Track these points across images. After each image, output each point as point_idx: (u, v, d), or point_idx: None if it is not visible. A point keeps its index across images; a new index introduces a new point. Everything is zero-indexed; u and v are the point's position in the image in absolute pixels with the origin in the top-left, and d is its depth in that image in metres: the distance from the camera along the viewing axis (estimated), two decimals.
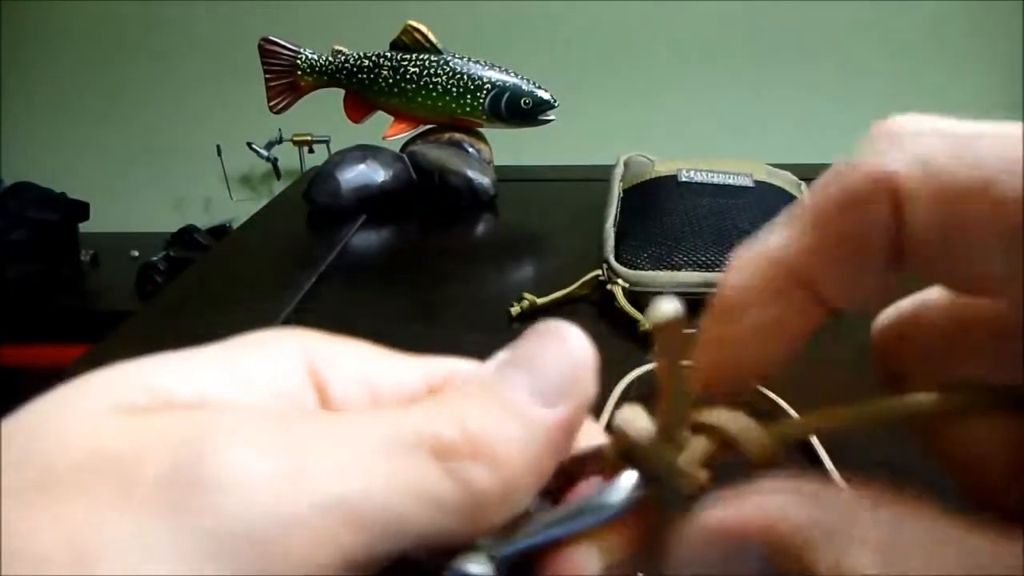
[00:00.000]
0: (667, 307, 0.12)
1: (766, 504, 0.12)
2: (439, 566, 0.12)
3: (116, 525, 0.10)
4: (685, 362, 0.13)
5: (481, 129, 0.79)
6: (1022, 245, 0.10)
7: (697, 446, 0.13)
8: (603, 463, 0.14)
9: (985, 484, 0.12)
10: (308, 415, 0.13)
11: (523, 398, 0.13)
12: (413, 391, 0.15)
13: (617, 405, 0.39)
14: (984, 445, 0.12)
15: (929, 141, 0.11)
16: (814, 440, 0.34)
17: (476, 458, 0.12)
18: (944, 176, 0.11)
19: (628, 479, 0.13)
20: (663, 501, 0.13)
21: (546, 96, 0.75)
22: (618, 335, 0.49)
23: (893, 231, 0.11)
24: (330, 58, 0.78)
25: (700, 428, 0.14)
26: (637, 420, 0.14)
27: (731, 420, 0.13)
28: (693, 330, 0.13)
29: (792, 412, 0.37)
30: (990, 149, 0.11)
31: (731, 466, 0.13)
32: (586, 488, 0.14)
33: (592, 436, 0.15)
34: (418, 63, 0.75)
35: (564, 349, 0.13)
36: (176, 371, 0.13)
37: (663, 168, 0.62)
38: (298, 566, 0.10)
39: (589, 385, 0.13)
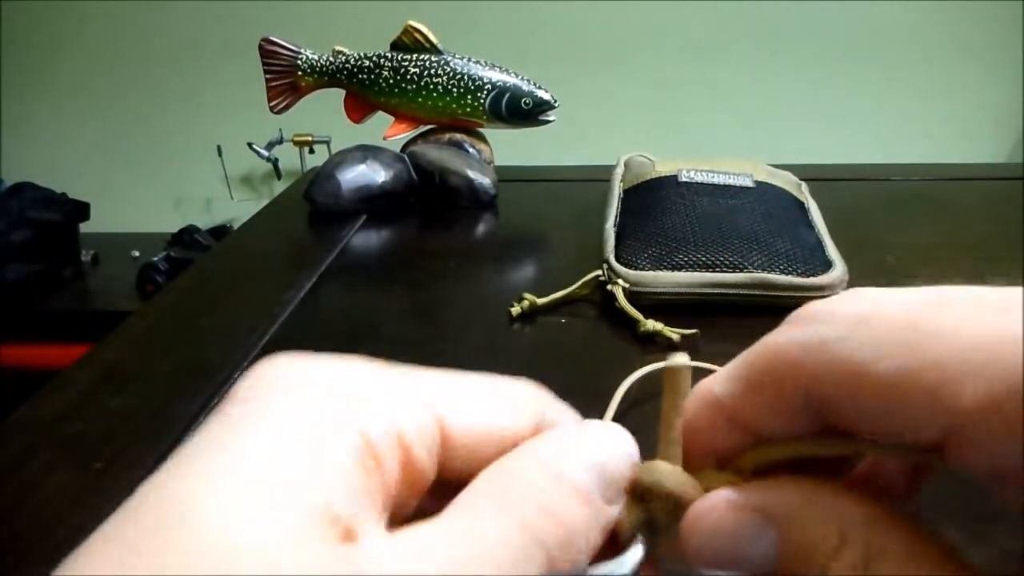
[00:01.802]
0: (682, 358, 0.16)
1: (785, 497, 0.14)
2: None
3: None
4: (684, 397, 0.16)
5: (481, 129, 0.79)
6: (908, 409, 0.12)
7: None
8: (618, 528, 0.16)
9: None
10: (441, 529, 0.14)
11: (595, 492, 0.15)
12: (522, 435, 0.17)
13: (619, 405, 0.38)
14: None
15: (831, 326, 0.14)
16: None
17: (562, 546, 0.14)
18: (838, 357, 0.13)
19: (634, 554, 0.16)
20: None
21: (546, 96, 0.75)
22: (618, 335, 0.49)
23: (803, 396, 0.14)
24: (330, 58, 0.78)
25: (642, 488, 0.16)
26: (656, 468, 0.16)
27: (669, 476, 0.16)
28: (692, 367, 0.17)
29: None
30: (884, 326, 0.13)
31: None
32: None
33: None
34: (418, 63, 0.75)
35: (626, 450, 0.16)
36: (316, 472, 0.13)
37: (663, 168, 0.62)
38: None
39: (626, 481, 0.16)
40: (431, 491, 0.15)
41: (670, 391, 0.17)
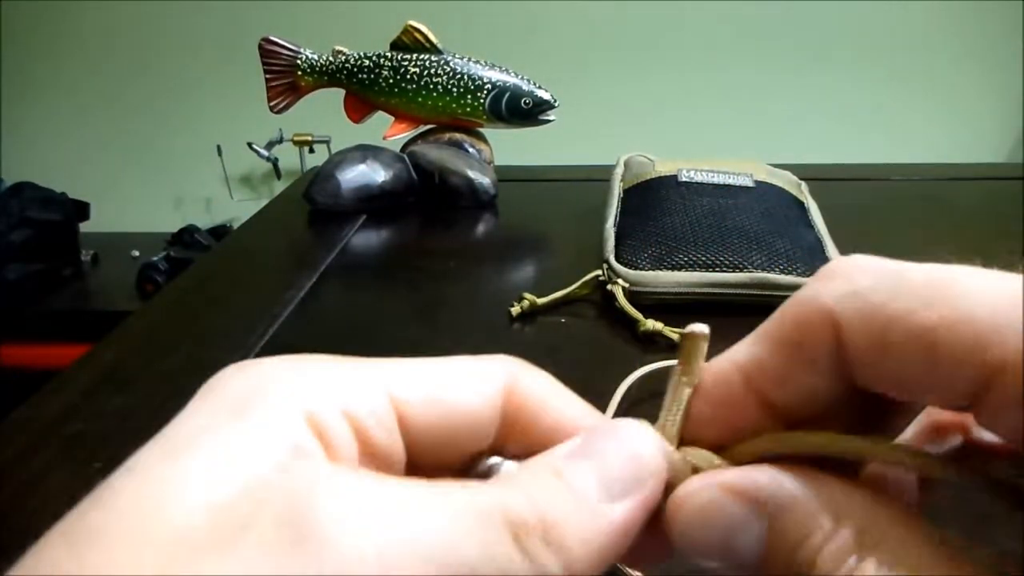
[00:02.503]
0: (700, 327, 0.16)
1: (778, 484, 0.14)
2: None
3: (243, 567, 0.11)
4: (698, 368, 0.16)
5: (481, 129, 0.79)
6: (943, 362, 0.12)
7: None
8: None
9: None
10: (403, 480, 0.14)
11: (592, 491, 0.14)
12: (489, 405, 0.16)
13: (619, 405, 0.38)
14: None
15: (862, 277, 0.14)
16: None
17: (546, 540, 0.13)
18: (872, 306, 0.13)
19: None
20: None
21: (546, 96, 0.75)
22: (618, 335, 0.49)
23: (833, 350, 0.14)
24: (330, 58, 0.78)
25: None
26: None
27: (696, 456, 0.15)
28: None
29: None
30: (915, 281, 0.13)
31: None
32: None
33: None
34: (418, 63, 0.75)
35: (632, 448, 0.15)
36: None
37: (663, 168, 0.62)
38: None
39: (654, 485, 0.15)
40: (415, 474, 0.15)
41: (684, 360, 0.16)
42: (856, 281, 0.14)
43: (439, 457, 0.15)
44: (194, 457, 0.13)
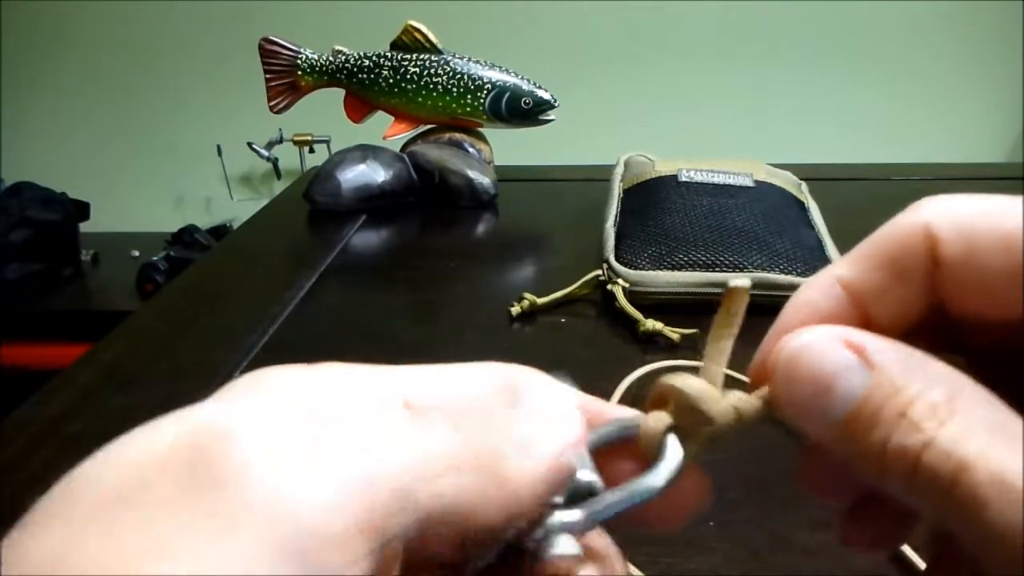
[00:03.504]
0: (743, 280, 0.17)
1: (885, 342, 0.15)
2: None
3: (158, 532, 0.12)
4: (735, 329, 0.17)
5: (481, 129, 0.79)
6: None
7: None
8: (640, 440, 0.16)
9: None
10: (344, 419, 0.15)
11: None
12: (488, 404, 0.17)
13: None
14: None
15: (953, 199, 0.15)
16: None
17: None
18: (965, 216, 0.15)
19: (672, 460, 0.16)
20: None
21: (546, 96, 0.75)
22: (618, 335, 0.49)
23: (927, 264, 0.15)
24: (330, 58, 0.78)
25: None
26: (690, 379, 0.17)
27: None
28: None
29: None
30: (1001, 199, 0.14)
31: None
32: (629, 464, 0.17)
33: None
34: (418, 63, 0.75)
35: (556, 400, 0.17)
36: None
37: (663, 168, 0.62)
38: (327, 539, 0.12)
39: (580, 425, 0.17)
40: None
41: (725, 312, 0.17)
42: (948, 201, 0.15)
43: None
44: (141, 432, 0.14)
